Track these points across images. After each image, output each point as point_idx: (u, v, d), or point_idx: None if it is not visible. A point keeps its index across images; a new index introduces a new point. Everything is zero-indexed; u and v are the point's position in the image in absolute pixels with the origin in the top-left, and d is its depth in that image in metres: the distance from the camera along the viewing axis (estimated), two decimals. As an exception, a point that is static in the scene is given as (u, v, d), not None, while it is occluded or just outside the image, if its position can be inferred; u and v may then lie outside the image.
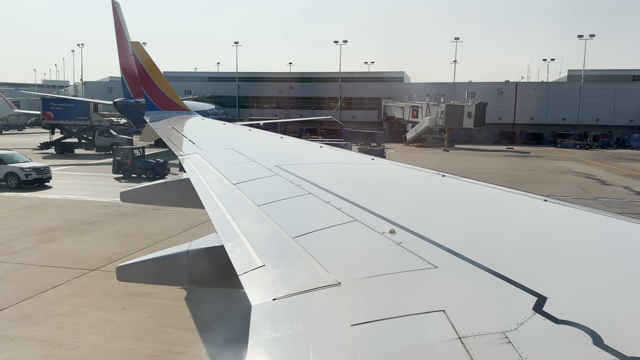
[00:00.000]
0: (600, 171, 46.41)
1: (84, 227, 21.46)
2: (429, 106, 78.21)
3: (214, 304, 12.91)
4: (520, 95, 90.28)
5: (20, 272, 15.68)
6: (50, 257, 17.21)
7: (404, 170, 7.05)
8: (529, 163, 54.10)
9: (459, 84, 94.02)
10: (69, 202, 27.14)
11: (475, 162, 53.32)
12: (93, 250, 18.08)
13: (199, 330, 11.79)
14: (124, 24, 51.09)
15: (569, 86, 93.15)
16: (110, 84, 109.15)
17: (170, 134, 15.66)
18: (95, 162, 47.92)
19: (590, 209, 4.24)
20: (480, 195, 5.25)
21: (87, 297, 13.69)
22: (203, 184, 7.04)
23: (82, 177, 37.96)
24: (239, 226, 4.57)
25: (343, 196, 4.84)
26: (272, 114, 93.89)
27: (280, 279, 3.16)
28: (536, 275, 2.75)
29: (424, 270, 2.92)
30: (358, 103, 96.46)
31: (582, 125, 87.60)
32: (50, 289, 14.19)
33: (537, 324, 2.17)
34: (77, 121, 56.03)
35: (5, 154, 33.50)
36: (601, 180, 39.37)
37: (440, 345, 2.15)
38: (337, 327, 2.45)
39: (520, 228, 3.98)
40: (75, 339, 11.20)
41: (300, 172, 6.41)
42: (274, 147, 11.86)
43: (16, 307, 12.84)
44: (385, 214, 4.09)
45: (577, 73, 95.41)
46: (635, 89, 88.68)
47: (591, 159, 58.77)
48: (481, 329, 2.17)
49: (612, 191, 33.83)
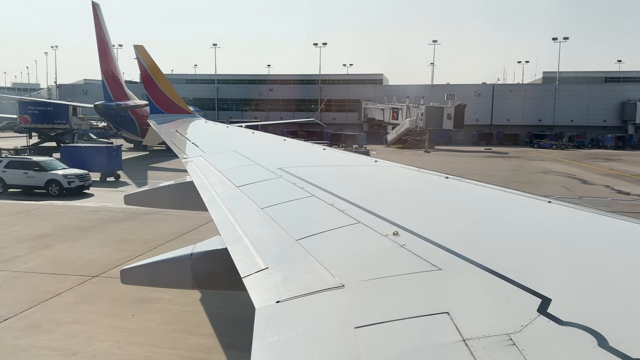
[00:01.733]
0: (580, 171, 47.54)
1: (77, 233, 21.02)
2: (409, 108, 79.11)
3: (226, 308, 12.82)
4: (497, 97, 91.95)
5: (19, 280, 15.27)
6: (47, 264, 16.81)
7: (407, 172, 7.09)
8: (509, 163, 55.05)
9: (438, 86, 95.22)
10: (57, 208, 26.55)
11: (457, 162, 54.00)
12: (90, 256, 17.72)
13: (216, 335, 11.66)
14: (105, 25, 50.23)
15: (544, 88, 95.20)
16: (85, 86, 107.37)
17: (174, 137, 15.51)
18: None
19: (594, 209, 4.25)
20: (484, 196, 5.27)
21: (94, 305, 13.41)
22: (206, 187, 7.05)
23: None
24: (242, 229, 4.58)
25: (346, 198, 4.86)
26: (252, 117, 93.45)
27: (283, 282, 3.16)
28: (540, 277, 2.75)
29: (428, 272, 2.91)
30: (338, 105, 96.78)
31: (557, 125, 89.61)
32: (53, 296, 13.86)
33: (542, 326, 2.16)
34: (55, 125, 54.88)
35: (44, 160, 31.91)
36: (582, 180, 40.31)
37: (444, 347, 2.14)
38: (341, 330, 2.44)
39: (524, 230, 3.99)
40: (90, 347, 10.96)
41: (303, 174, 6.44)
42: (277, 150, 11.85)
43: (22, 316, 12.50)
44: (388, 216, 4.10)
45: (551, 75, 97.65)
46: (608, 90, 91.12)
47: (569, 159, 60.15)
48: (485, 331, 2.16)
49: (595, 190, 34.68)
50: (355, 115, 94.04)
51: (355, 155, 11.50)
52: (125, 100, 53.87)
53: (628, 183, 38.75)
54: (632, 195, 33.11)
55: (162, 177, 39.48)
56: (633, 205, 28.64)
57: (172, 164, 50.61)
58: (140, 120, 55.08)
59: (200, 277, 5.64)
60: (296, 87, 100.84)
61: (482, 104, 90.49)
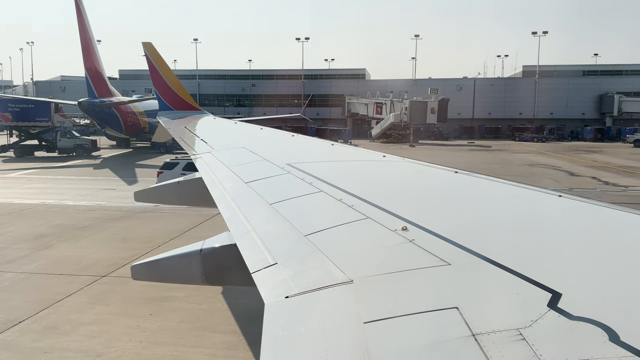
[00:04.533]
0: (564, 163, 48.42)
1: (76, 233, 20.67)
2: (393, 103, 79.45)
3: (243, 305, 12.73)
4: (478, 90, 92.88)
5: (27, 281, 14.97)
6: (51, 264, 16.50)
7: (415, 166, 7.08)
8: (495, 157, 55.76)
9: (420, 81, 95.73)
10: (50, 207, 26.03)
11: (444, 156, 54.47)
12: (95, 256, 17.45)
13: (239, 332, 11.60)
14: (87, 20, 49.24)
15: (524, 81, 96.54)
16: (62, 83, 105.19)
17: (183, 133, 15.39)
18: (61, 164, 46.18)
19: (605, 203, 4.23)
20: (492, 191, 5.23)
21: (109, 305, 13.22)
22: (215, 183, 7.07)
23: (54, 181, 36.41)
24: (251, 224, 4.60)
25: (355, 194, 4.86)
26: (234, 112, 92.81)
27: (292, 277, 3.16)
28: (551, 271, 2.73)
29: (437, 268, 2.90)
30: (321, 100, 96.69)
31: (537, 118, 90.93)
32: (65, 297, 13.62)
33: (552, 321, 2.14)
34: (37, 122, 53.69)
35: None
36: (569, 172, 41.07)
37: (454, 342, 2.12)
38: (350, 325, 2.44)
39: (534, 224, 3.96)
40: (113, 347, 10.81)
41: (311, 170, 6.43)
42: (285, 146, 11.84)
43: (37, 318, 12.27)
44: (397, 211, 4.10)
45: (531, 69, 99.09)
46: (586, 83, 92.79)
47: (551, 151, 61.17)
48: (495, 326, 2.15)
49: (583, 182, 35.36)
50: (338, 110, 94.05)
51: (363, 150, 11.54)
52: (109, 97, 52.98)
53: (613, 174, 39.60)
54: (619, 186, 33.87)
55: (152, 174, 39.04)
56: (622, 196, 29.31)
57: (158, 161, 50.14)
58: (124, 117, 54.29)
59: (210, 272, 5.64)
60: (279, 82, 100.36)
61: (463, 98, 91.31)
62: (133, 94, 72.96)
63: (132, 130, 57.05)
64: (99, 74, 51.89)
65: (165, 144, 56.82)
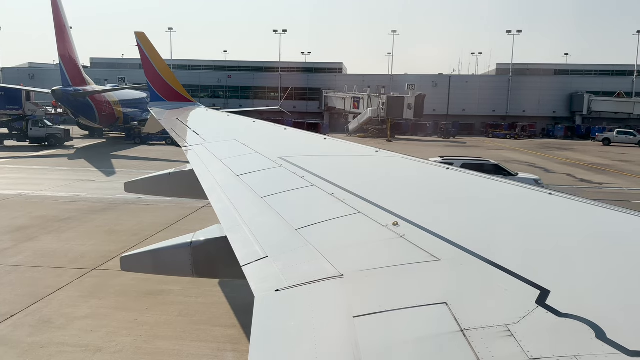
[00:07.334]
0: (539, 160, 49.49)
1: (59, 225, 20.15)
2: (370, 98, 79.75)
3: (240, 298, 12.64)
4: (454, 87, 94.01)
5: (14, 274, 14.54)
6: (37, 257, 16.07)
7: (408, 162, 7.15)
8: (471, 153, 56.54)
9: (396, 76, 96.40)
10: (28, 198, 25.30)
11: (422, 152, 54.99)
12: (82, 248, 17.07)
13: (239, 325, 11.53)
14: (62, 5, 47.85)
15: (498, 79, 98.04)
16: (31, 70, 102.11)
17: (175, 125, 15.17)
18: (34, 154, 44.90)
19: (594, 202, 4.28)
20: (484, 188, 5.28)
21: (102, 299, 12.96)
22: (207, 175, 7.04)
23: (29, 172, 35.37)
24: (242, 217, 4.59)
25: (347, 188, 4.88)
26: (209, 104, 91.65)
27: (283, 271, 3.17)
28: (539, 268, 2.76)
29: (427, 263, 2.92)
30: (299, 93, 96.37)
31: (510, 116, 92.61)
32: (56, 291, 13.30)
33: (540, 317, 2.17)
34: (7, 110, 52.02)
35: None
36: (544, 169, 42.00)
37: (442, 337, 2.14)
38: (340, 319, 2.45)
39: (524, 221, 3.99)
40: (113, 342, 10.62)
41: (304, 163, 6.44)
42: (277, 139, 11.82)
43: (29, 312, 11.94)
44: (388, 206, 4.12)
45: (505, 66, 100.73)
46: (557, 82, 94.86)
47: (525, 148, 62.47)
48: (483, 322, 2.17)
49: (559, 179, 36.23)
50: (315, 104, 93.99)
51: (355, 145, 11.58)
52: (83, 85, 51.70)
53: (586, 171, 40.69)
54: (594, 183, 34.83)
55: (129, 165, 38.34)
56: (598, 193, 30.12)
57: (134, 152, 49.25)
58: (99, 107, 53.08)
59: (200, 264, 5.62)
60: (255, 74, 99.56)
61: (439, 95, 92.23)
62: (106, 83, 71.25)
63: (106, 120, 55.84)
64: (74, 62, 50.53)
65: (140, 135, 55.90)
